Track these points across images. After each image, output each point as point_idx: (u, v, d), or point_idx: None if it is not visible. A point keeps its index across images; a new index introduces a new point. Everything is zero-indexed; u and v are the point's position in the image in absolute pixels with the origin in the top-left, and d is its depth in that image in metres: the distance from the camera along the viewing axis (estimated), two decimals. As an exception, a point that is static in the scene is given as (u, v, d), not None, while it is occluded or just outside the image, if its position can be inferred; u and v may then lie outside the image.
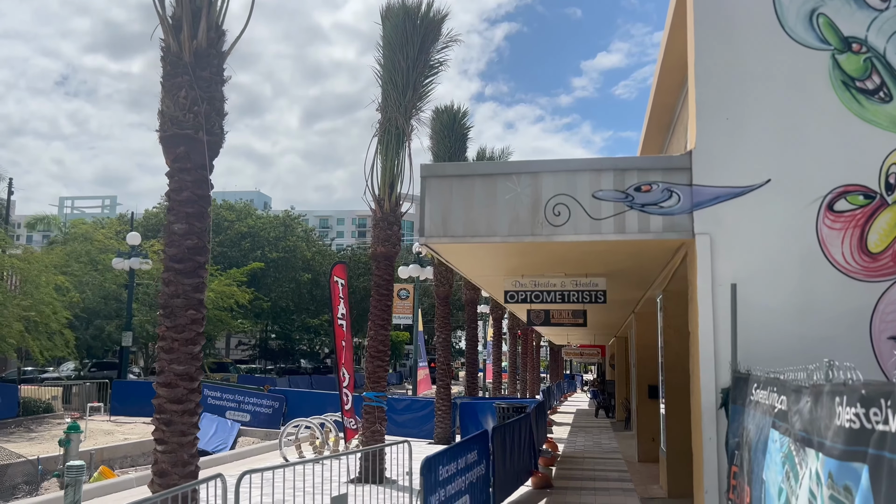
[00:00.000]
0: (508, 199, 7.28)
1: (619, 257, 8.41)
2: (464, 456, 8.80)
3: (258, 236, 44.09)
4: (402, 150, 13.41)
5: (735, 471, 5.95)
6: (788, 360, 6.34)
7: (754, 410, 5.48)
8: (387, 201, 13.23)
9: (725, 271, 6.83)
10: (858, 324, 6.55)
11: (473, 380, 23.63)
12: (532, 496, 11.28)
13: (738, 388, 6.11)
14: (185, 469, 6.74)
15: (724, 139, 6.99)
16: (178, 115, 6.99)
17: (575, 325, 13.85)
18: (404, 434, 19.28)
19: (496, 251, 8.06)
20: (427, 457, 7.51)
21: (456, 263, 9.09)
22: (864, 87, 6.78)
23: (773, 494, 4.67)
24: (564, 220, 7.17)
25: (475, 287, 22.76)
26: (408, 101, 13.21)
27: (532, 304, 10.38)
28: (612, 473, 13.70)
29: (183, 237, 6.97)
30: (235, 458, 16.09)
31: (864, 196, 6.68)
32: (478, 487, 9.25)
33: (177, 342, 6.82)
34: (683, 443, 11.21)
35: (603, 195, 7.14)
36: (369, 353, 13.01)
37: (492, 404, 17.39)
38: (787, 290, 6.70)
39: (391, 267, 13.30)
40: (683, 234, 6.99)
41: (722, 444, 6.56)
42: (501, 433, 10.36)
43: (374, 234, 13.24)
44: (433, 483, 7.64)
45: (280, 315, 44.87)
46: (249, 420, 21.13)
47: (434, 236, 7.38)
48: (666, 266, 9.11)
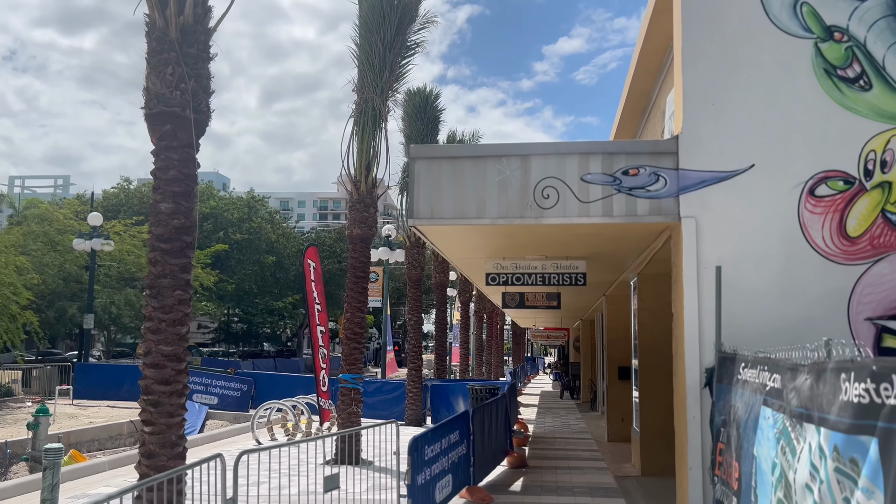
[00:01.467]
0: (498, 181, 7.32)
1: (603, 240, 8.53)
2: (447, 436, 8.89)
3: (221, 217, 43.45)
4: (378, 132, 13.35)
5: (721, 447, 6.12)
6: (771, 340, 6.53)
7: (742, 389, 5.64)
8: (363, 183, 13.17)
9: (710, 254, 6.99)
10: (838, 305, 6.76)
11: (443, 362, 23.74)
12: (509, 475, 11.45)
13: (724, 367, 6.27)
14: (174, 450, 6.68)
15: (709, 124, 7.12)
16: (165, 93, 6.86)
17: (549, 307, 14.02)
18: (375, 416, 19.30)
19: (484, 233, 8.10)
20: (414, 436, 7.57)
21: (441, 246, 9.12)
22: (845, 76, 6.96)
23: (765, 469, 4.83)
24: (553, 202, 7.24)
25: (445, 270, 22.84)
26: (384, 82, 13.14)
27: (512, 287, 10.47)
28: (583, 453, 13.95)
29: (170, 216, 6.87)
30: (206, 441, 15.97)
31: (844, 181, 6.88)
32: (459, 467, 9.36)
33: (164, 322, 6.74)
34: (657, 422, 11.47)
35: (591, 178, 7.22)
36: (345, 335, 12.99)
37: (464, 386, 17.54)
38: (770, 272, 6.89)
39: (367, 249, 13.27)
40: (670, 217, 7.12)
41: (706, 422, 6.74)
42: (480, 414, 10.48)
43: (351, 216, 13.18)
44: (419, 462, 7.71)
45: (243, 298, 44.38)
46: (217, 403, 20.96)
47: (423, 218, 7.39)
48: (646, 249, 9.27)
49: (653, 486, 10.58)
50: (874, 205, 6.81)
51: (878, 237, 6.77)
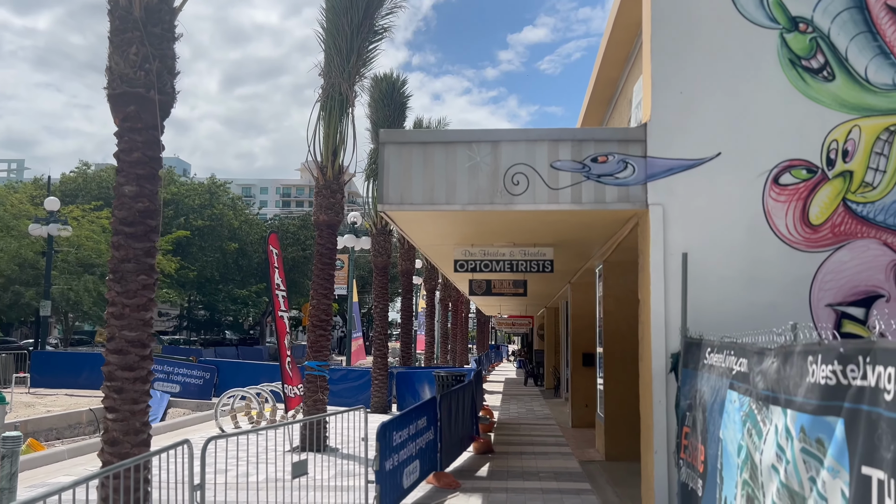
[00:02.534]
0: (468, 167, 7.31)
1: (571, 227, 8.58)
2: (414, 422, 8.89)
3: (182, 203, 42.67)
4: (345, 117, 13.24)
5: (687, 431, 6.22)
6: (736, 326, 6.65)
7: (709, 373, 5.74)
8: (329, 168, 13.06)
9: (677, 241, 7.07)
10: (800, 292, 6.91)
11: (408, 350, 23.75)
12: (476, 461, 11.51)
13: (690, 352, 6.37)
14: (138, 437, 6.57)
15: (677, 112, 7.19)
16: (129, 73, 6.70)
17: (515, 294, 14.09)
18: (340, 404, 19.23)
19: (453, 220, 8.09)
20: (383, 422, 7.56)
21: (410, 232, 9.09)
22: (809, 66, 7.08)
23: (731, 451, 4.92)
24: (523, 189, 7.26)
25: (411, 258, 22.82)
26: (351, 66, 13.02)
27: (480, 274, 10.49)
28: (548, 438, 14.09)
29: (133, 199, 6.72)
30: (168, 430, 15.76)
31: (807, 170, 7.01)
32: (427, 453, 9.37)
33: (128, 308, 6.61)
34: (621, 408, 11.63)
35: (561, 165, 7.25)
36: (311, 322, 12.90)
37: (429, 373, 17.57)
38: (736, 259, 7.00)
39: (334, 236, 13.17)
40: (637, 204, 7.19)
41: (672, 406, 6.84)
42: (447, 400, 10.51)
43: (317, 202, 13.06)
44: (387, 448, 7.70)
45: (205, 285, 43.75)
46: (179, 391, 20.68)
47: (393, 204, 7.35)
48: (613, 237, 9.36)
49: (617, 470, 10.73)
50: (836, 193, 6.96)
51: (839, 225, 6.93)
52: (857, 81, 7.01)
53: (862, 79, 7.00)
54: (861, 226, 6.91)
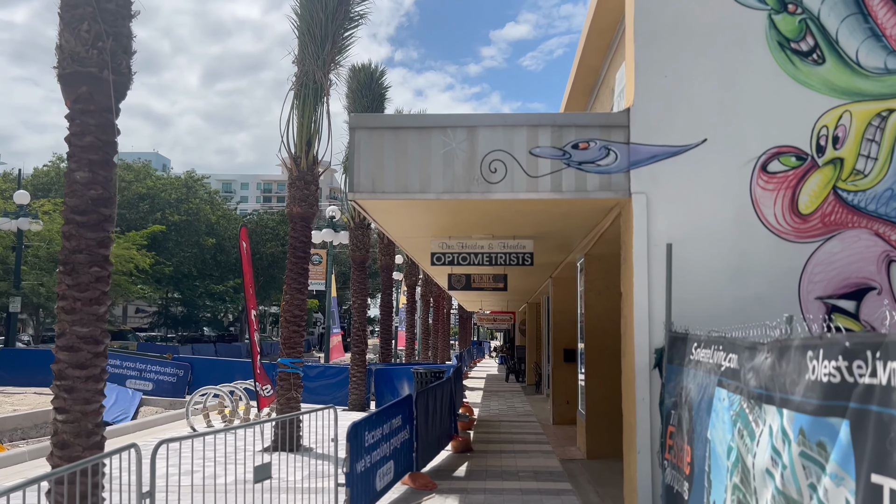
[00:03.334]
0: (443, 154, 6.95)
1: (551, 217, 8.25)
2: (388, 421, 8.54)
3: (158, 198, 41.89)
4: (319, 106, 12.83)
5: (672, 430, 5.92)
6: (723, 320, 6.36)
7: (695, 370, 5.43)
8: (303, 159, 12.65)
9: (661, 231, 6.77)
10: (789, 284, 6.62)
11: (388, 346, 23.36)
12: (453, 460, 11.17)
13: (675, 347, 6.07)
14: (90, 440, 6.17)
15: (661, 97, 6.88)
16: (80, 52, 6.27)
17: (496, 289, 13.77)
18: (317, 401, 18.83)
19: (428, 209, 7.73)
20: (354, 422, 7.20)
21: (383, 222, 8.71)
22: (798, 49, 6.79)
23: (719, 453, 4.61)
24: (501, 177, 6.91)
25: (391, 253, 22.43)
26: (326, 53, 12.61)
27: (458, 267, 10.14)
28: (528, 436, 13.79)
29: (86, 186, 6.29)
30: (138, 429, 15.30)
31: (797, 157, 6.72)
32: (402, 453, 9.03)
33: (79, 302, 6.18)
34: (603, 405, 11.35)
35: (540, 152, 6.92)
36: (284, 317, 12.50)
37: (409, 370, 17.22)
38: (722, 250, 6.71)
39: (308, 228, 12.77)
40: (620, 192, 6.87)
41: (655, 404, 6.54)
42: (425, 398, 10.16)
43: (291, 193, 12.65)
44: (359, 449, 7.35)
45: (182, 281, 43.02)
46: (152, 389, 20.16)
47: (364, 192, 6.98)
48: (594, 228, 9.04)
49: (598, 469, 10.44)
50: (826, 182, 6.68)
51: (829, 215, 6.65)
52: (848, 65, 6.73)
53: (853, 62, 6.72)
54: (852, 215, 6.64)
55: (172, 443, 5.14)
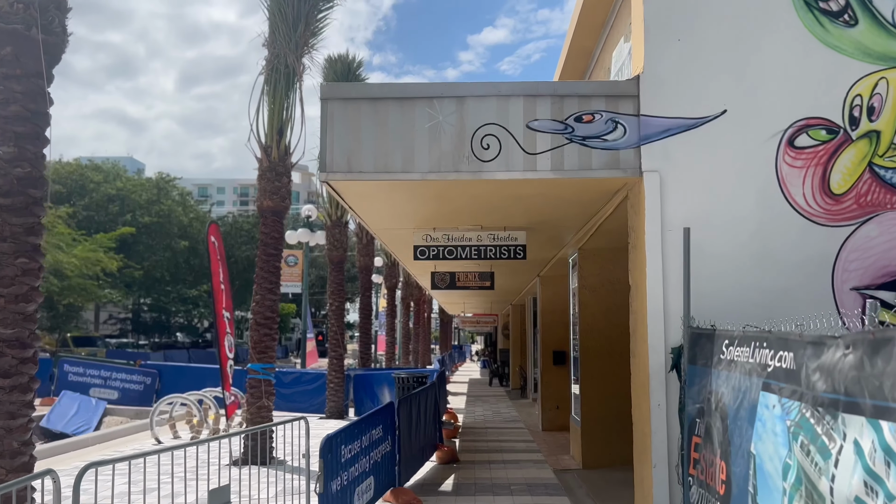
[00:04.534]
0: (429, 128, 6.11)
1: (548, 203, 7.42)
2: (368, 432, 7.66)
3: (128, 199, 40.54)
4: (292, 92, 11.94)
5: (698, 442, 5.11)
6: (744, 314, 5.58)
7: (728, 371, 4.63)
8: (275, 149, 11.74)
9: (676, 214, 5.97)
10: (820, 273, 5.86)
11: (367, 351, 22.44)
12: (439, 472, 10.31)
13: (699, 346, 5.26)
14: (16, 461, 5.25)
15: (675, 63, 6.09)
16: (3, 5, 5.36)
17: (482, 288, 12.96)
18: (292, 409, 17.88)
19: (411, 194, 6.88)
20: (328, 435, 6.32)
21: (361, 210, 7.84)
22: (827, 9, 6.04)
23: (769, 471, 3.80)
24: (494, 154, 6.09)
25: (370, 253, 21.53)
26: (299, 35, 11.72)
27: (442, 263, 9.30)
28: (518, 444, 12.96)
29: (10, 163, 5.39)
30: (99, 441, 14.27)
31: (827, 131, 5.96)
32: (383, 466, 8.15)
33: (2, 299, 5.27)
34: (599, 410, 10.55)
35: (539, 126, 6.10)
36: (255, 320, 11.57)
37: (389, 375, 16.32)
38: (744, 235, 5.93)
39: (280, 224, 11.87)
40: (629, 171, 6.07)
41: (674, 411, 5.74)
42: (407, 406, 9.29)
43: (261, 186, 11.74)
44: (334, 465, 6.47)
45: (154, 285, 41.67)
46: (118, 398, 19.10)
47: (339, 172, 6.11)
48: (594, 216, 8.24)
49: (596, 480, 9.62)
50: (860, 157, 5.92)
51: (864, 194, 5.89)
52: (883, 26, 5.98)
53: (889, 23, 5.98)
54: (891, 195, 5.88)
55: (102, 466, 4.22)
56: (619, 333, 10.60)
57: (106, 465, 4.27)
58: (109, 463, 4.38)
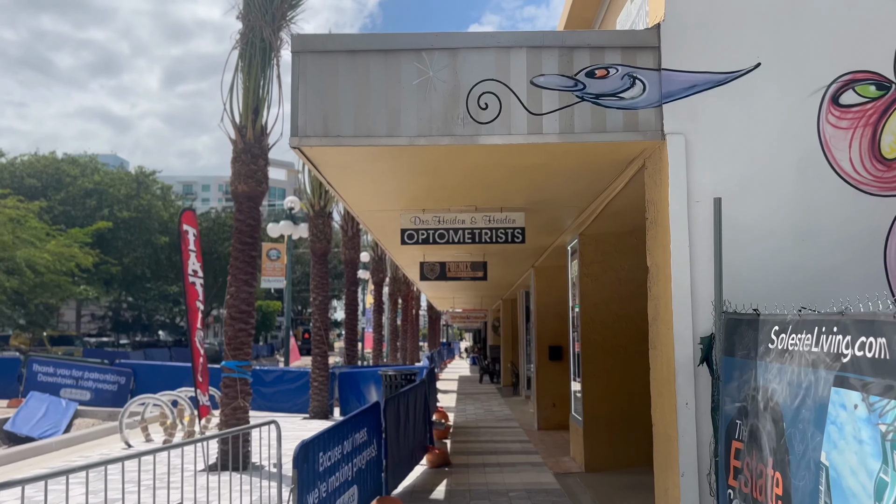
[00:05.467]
0: (417, 85, 5.27)
1: (553, 177, 6.59)
2: (350, 436, 6.82)
3: (106, 193, 39.29)
4: (268, 68, 11.07)
5: (739, 448, 4.31)
6: (782, 297, 4.79)
7: (780, 363, 3.83)
8: (250, 129, 10.87)
9: (704, 183, 5.17)
10: (870, 249, 5.08)
11: (353, 348, 21.56)
12: (430, 477, 9.48)
13: (737, 334, 4.47)
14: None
15: (701, 9, 5.29)
16: None
17: (474, 278, 12.15)
18: (275, 409, 17.02)
19: (397, 164, 6.03)
20: (303, 442, 5.47)
21: (341, 186, 6.98)
22: (875, -53, 5.25)
23: (853, 488, 3.01)
24: (493, 114, 5.26)
25: (356, 246, 20.66)
26: (275, 7, 10.85)
27: (431, 250, 8.48)
28: (513, 445, 12.16)
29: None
30: (66, 445, 13.34)
31: (877, 86, 5.18)
32: (368, 474, 7.32)
33: None
34: (602, 408, 9.76)
35: (545, 82, 5.27)
36: (229, 314, 10.70)
37: (376, 373, 15.49)
38: (782, 206, 5.14)
39: (256, 210, 10.99)
40: (649, 134, 5.26)
41: (705, 411, 4.94)
42: (395, 405, 8.46)
43: (235, 169, 10.85)
44: (311, 476, 5.63)
45: (134, 282, 40.46)
46: (90, 398, 18.14)
47: (312, 136, 5.26)
48: (603, 192, 7.42)
49: (602, 485, 8.83)
50: (916, 116, 5.14)
51: (921, 159, 5.11)
52: (940, -34, 5.20)
53: (946, -37, 5.20)
54: (952, 159, 5.11)
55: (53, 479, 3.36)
56: (623, 325, 9.81)
57: (57, 477, 3.43)
58: (61, 475, 3.53)
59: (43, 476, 3.72)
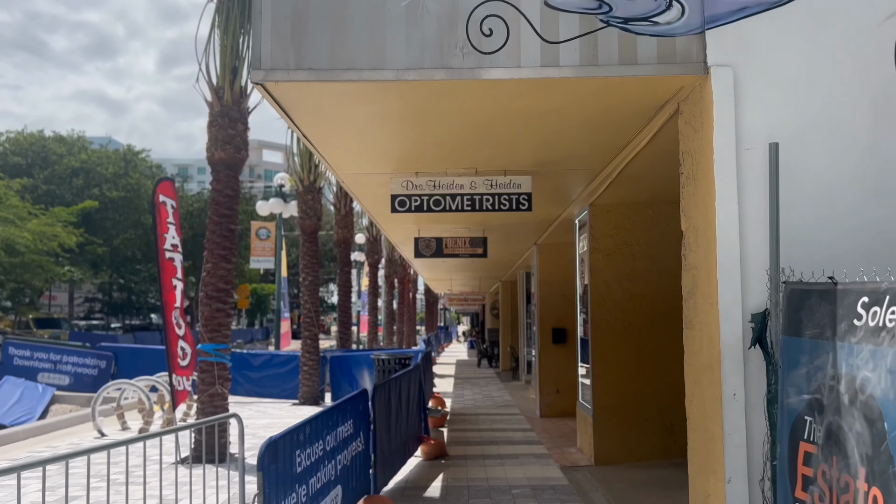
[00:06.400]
0: (406, 7, 4.32)
1: (566, 128, 5.65)
2: (334, 429, 5.94)
3: (94, 172, 38.12)
4: (248, 24, 10.09)
5: (810, 451, 3.41)
6: (850, 264, 3.89)
7: (875, 344, 2.93)
8: (227, 91, 9.92)
9: (757, 126, 4.24)
10: (960, 207, 4.16)
11: (347, 331, 20.71)
12: (424, 471, 8.62)
13: (806, 308, 3.56)
14: None
15: (753, -84, 4.33)
16: None
17: (473, 255, 11.24)
18: (263, 395, 16.16)
19: (383, 108, 5.08)
20: (271, 439, 4.57)
21: (318, 139, 6.03)
22: None
23: None
24: (500, 42, 4.32)
25: (349, 225, 19.77)
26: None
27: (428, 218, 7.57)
28: (515, 434, 11.30)
29: None
30: (36, 433, 12.48)
31: (968, 8, 4.24)
32: (353, 472, 6.44)
33: None
34: (614, 395, 8.88)
35: (563, 3, 4.33)
36: (205, 292, 9.80)
37: (369, 357, 14.62)
38: (853, 154, 4.21)
39: (235, 179, 10.07)
40: (689, 67, 4.32)
41: (756, 403, 4.04)
42: (386, 392, 7.58)
43: (211, 134, 9.92)
44: (284, 479, 4.75)
45: (124, 264, 39.39)
46: (70, 383, 17.26)
47: (278, 69, 4.32)
48: (621, 151, 6.49)
49: (614, 481, 7.96)
50: None
51: None
52: None
53: None
54: None
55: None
56: (638, 305, 8.92)
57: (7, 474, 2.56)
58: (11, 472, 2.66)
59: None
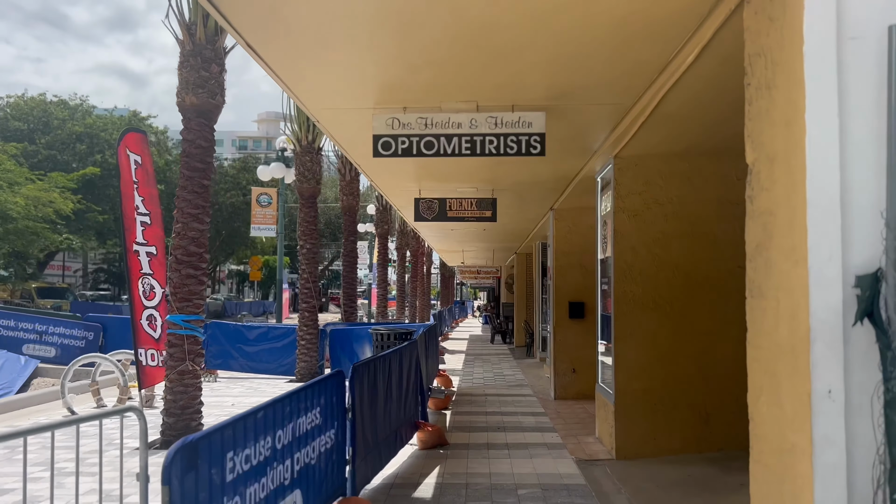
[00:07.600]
0: None
1: (592, 38, 4.35)
2: (290, 422, 4.76)
3: (97, 138, 37.06)
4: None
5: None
6: None
7: None
8: (200, 27, 8.69)
9: (866, 5, 2.94)
10: None
11: (352, 303, 19.57)
12: (418, 463, 7.47)
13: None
14: None
15: None
16: None
17: (481, 219, 10.01)
18: (258, 370, 15.09)
19: (349, 10, 3.81)
20: (186, 440, 3.40)
21: (276, 63, 4.75)
22: None
23: None
24: None
25: (354, 191, 18.56)
26: None
27: (421, 163, 6.30)
28: (526, 419, 10.12)
29: None
30: (11, 409, 11.52)
31: None
32: (321, 471, 5.27)
33: None
34: (640, 379, 7.63)
35: None
36: (175, 256, 8.63)
37: (367, 330, 13.50)
38: None
39: (210, 128, 8.86)
40: (769, -76, 3.01)
41: (863, 404, 2.78)
42: (371, 372, 6.40)
43: (182, 76, 8.70)
44: (204, 491, 3.59)
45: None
46: (56, 355, 16.33)
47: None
48: (658, 77, 5.17)
49: (640, 480, 6.75)
50: None
51: None
52: None
53: None
54: None
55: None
56: (670, 274, 7.65)
57: None
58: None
59: None
